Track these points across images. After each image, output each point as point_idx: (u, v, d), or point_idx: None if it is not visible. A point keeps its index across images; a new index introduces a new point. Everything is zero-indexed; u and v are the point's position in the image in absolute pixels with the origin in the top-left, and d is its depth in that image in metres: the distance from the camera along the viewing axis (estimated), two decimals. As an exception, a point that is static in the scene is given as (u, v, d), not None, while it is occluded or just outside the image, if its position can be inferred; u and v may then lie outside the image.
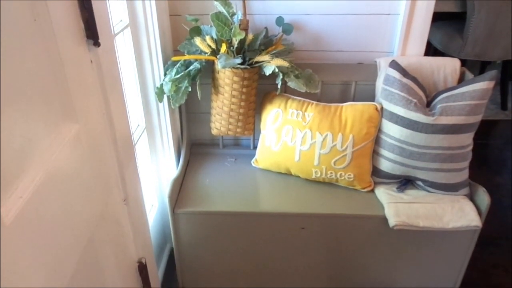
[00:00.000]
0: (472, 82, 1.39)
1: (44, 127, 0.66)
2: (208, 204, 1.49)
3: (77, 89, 0.75)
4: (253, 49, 1.46)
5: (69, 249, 0.72)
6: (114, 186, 0.94)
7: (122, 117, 0.96)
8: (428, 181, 1.49)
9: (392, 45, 1.62)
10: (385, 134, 1.49)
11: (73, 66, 0.74)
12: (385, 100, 1.47)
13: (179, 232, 1.51)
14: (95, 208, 0.84)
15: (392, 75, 1.45)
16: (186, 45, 1.49)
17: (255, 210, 1.47)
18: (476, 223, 1.39)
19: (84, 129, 0.78)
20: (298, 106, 1.55)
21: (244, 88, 1.46)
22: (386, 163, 1.51)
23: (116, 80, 0.92)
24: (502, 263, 1.79)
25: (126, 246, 1.03)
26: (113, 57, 0.91)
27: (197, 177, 1.62)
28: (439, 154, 1.42)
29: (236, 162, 1.72)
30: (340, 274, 1.60)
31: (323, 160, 1.51)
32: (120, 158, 0.95)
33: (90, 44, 0.80)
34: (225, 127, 1.56)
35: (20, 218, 0.56)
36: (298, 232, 1.49)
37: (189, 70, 1.44)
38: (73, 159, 0.73)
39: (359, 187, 1.55)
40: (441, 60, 1.57)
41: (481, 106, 1.38)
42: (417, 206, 1.44)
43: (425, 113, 1.39)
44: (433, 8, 1.52)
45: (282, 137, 1.55)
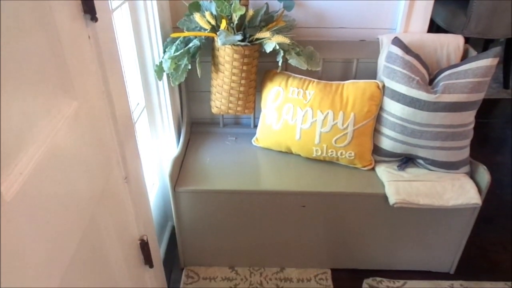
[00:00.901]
0: (476, 59, 1.37)
1: (43, 104, 0.65)
2: (208, 182, 1.49)
3: (75, 66, 0.74)
4: (253, 25, 1.43)
5: (71, 226, 0.72)
6: (114, 164, 0.94)
7: (121, 94, 0.94)
8: (429, 159, 1.49)
9: (395, 22, 1.59)
10: (387, 112, 1.48)
11: (71, 41, 0.72)
12: (387, 77, 1.46)
13: (180, 210, 1.52)
14: (96, 186, 0.84)
15: (394, 52, 1.43)
16: (185, 21, 1.46)
17: (256, 188, 1.47)
18: (476, 201, 1.39)
19: (83, 106, 0.77)
20: (299, 84, 1.53)
21: (244, 65, 1.44)
22: (387, 141, 1.50)
23: (115, 57, 0.91)
24: (500, 241, 1.80)
25: (128, 223, 1.04)
26: (111, 33, 0.89)
27: (197, 156, 1.62)
28: (440, 132, 1.41)
29: (236, 141, 1.72)
30: (340, 252, 1.62)
31: (324, 139, 1.50)
32: (120, 136, 0.94)
33: (88, 19, 0.78)
34: (225, 106, 1.55)
35: (21, 195, 0.55)
36: (299, 210, 1.50)
37: (189, 47, 1.42)
38: (72, 136, 0.72)
39: (360, 165, 1.55)
40: (444, 37, 1.54)
41: (484, 83, 1.36)
42: (417, 184, 1.44)
43: (427, 91, 1.38)
44: (437, -17, 1.49)
45: (282, 115, 1.54)
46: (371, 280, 1.62)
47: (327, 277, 1.64)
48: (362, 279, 1.63)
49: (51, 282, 0.65)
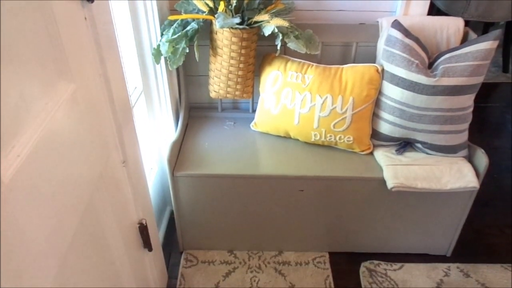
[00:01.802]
0: (476, 42, 1.36)
1: (39, 87, 0.64)
2: (207, 167, 1.49)
3: (72, 48, 0.73)
4: (252, 8, 1.41)
5: (69, 209, 0.72)
6: (112, 148, 0.93)
7: (119, 77, 0.94)
8: (427, 143, 1.49)
9: (395, 5, 1.58)
10: (386, 96, 1.47)
11: (67, 23, 0.71)
12: (386, 61, 1.45)
13: (178, 194, 1.52)
14: (94, 169, 0.83)
15: (394, 36, 1.42)
16: (183, 3, 1.44)
17: (254, 173, 1.48)
18: (473, 184, 1.40)
19: (81, 89, 0.76)
20: (297, 68, 1.52)
21: (242, 49, 1.43)
22: (386, 125, 1.50)
23: (112, 39, 0.90)
24: (497, 224, 1.82)
25: (127, 207, 1.04)
26: (108, 15, 0.88)
27: (196, 140, 1.62)
28: (439, 116, 1.41)
29: (235, 125, 1.71)
30: (338, 235, 1.63)
31: (322, 123, 1.50)
32: (118, 119, 0.93)
33: (84, 0, 0.77)
34: (224, 90, 1.54)
35: (19, 176, 0.55)
36: (297, 194, 1.50)
37: (187, 30, 1.41)
38: (70, 119, 0.72)
39: (358, 150, 1.55)
40: (444, 19, 1.53)
41: (483, 66, 1.36)
42: (415, 168, 1.44)
43: (427, 75, 1.37)
44: (438, -35, 1.47)
45: (281, 100, 1.54)
46: (368, 263, 1.64)
47: (325, 260, 1.65)
48: (360, 262, 1.64)
49: (50, 264, 0.65)
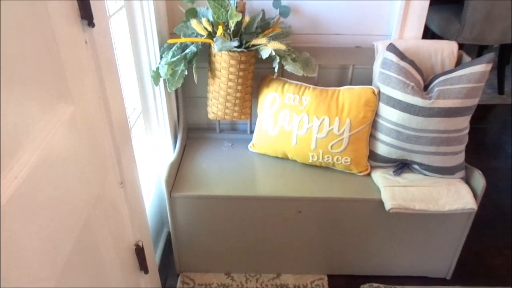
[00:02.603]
0: (470, 64, 1.38)
1: (39, 108, 0.65)
2: (205, 188, 1.49)
3: (72, 70, 0.74)
4: (250, 32, 1.44)
5: (66, 230, 0.72)
6: (110, 169, 0.94)
7: (117, 99, 0.95)
8: (424, 165, 1.49)
9: (390, 29, 1.61)
10: (382, 118, 1.49)
11: (68, 46, 0.73)
12: (382, 83, 1.47)
13: (176, 216, 1.51)
14: (92, 191, 0.83)
15: (389, 59, 1.44)
16: (182, 27, 1.47)
17: (252, 194, 1.47)
18: (471, 206, 1.40)
19: (80, 110, 0.77)
20: (295, 90, 1.54)
21: (240, 71, 1.45)
22: (383, 147, 1.51)
23: (112, 62, 0.91)
24: (497, 246, 1.81)
25: (123, 229, 1.03)
26: (108, 38, 0.89)
27: (194, 161, 1.62)
28: (435, 137, 1.42)
29: (233, 146, 1.72)
30: (336, 257, 1.62)
31: (320, 144, 1.51)
32: (116, 141, 0.94)
33: (85, 25, 0.78)
34: (222, 111, 1.55)
35: (16, 198, 0.55)
36: (295, 216, 1.50)
37: (186, 53, 1.43)
38: (68, 140, 0.72)
39: (356, 171, 1.55)
40: (438, 43, 1.56)
41: (478, 89, 1.38)
42: (413, 190, 1.45)
43: (422, 97, 1.39)
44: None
45: (279, 121, 1.55)
46: (367, 286, 1.62)
47: (323, 283, 1.63)
48: (359, 285, 1.62)
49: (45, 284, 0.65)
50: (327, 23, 1.61)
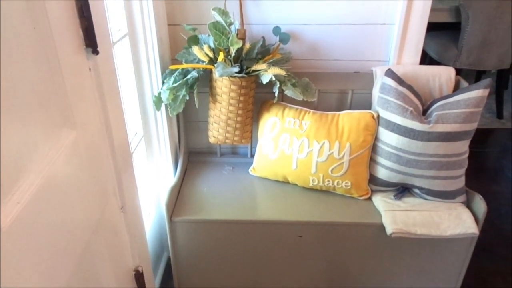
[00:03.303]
0: (467, 90, 1.40)
1: (42, 134, 0.66)
2: (205, 212, 1.49)
3: (76, 97, 0.76)
4: (250, 58, 1.47)
5: (65, 256, 0.72)
6: (111, 193, 0.94)
7: (120, 125, 0.96)
8: (425, 189, 1.49)
9: (388, 54, 1.64)
10: (382, 142, 1.50)
11: (72, 73, 0.75)
12: (381, 108, 1.48)
13: (176, 240, 1.50)
14: (92, 215, 0.84)
15: (388, 84, 1.46)
16: (184, 54, 1.50)
17: (253, 218, 1.47)
18: (473, 231, 1.39)
19: (82, 136, 0.78)
20: (295, 115, 1.56)
21: (241, 96, 1.47)
22: (383, 170, 1.51)
23: (114, 88, 0.93)
24: (500, 271, 1.79)
25: (123, 254, 1.03)
26: (111, 65, 0.91)
27: (194, 185, 1.62)
28: (435, 161, 1.43)
29: (233, 170, 1.72)
30: (338, 282, 1.60)
31: (320, 168, 1.51)
32: (118, 166, 0.95)
33: (89, 52, 0.81)
34: (223, 136, 1.57)
35: (17, 224, 0.56)
36: (296, 240, 1.49)
37: (187, 78, 1.45)
38: (70, 165, 0.73)
39: (356, 195, 1.55)
40: (436, 68, 1.58)
41: (476, 114, 1.39)
42: (414, 214, 1.44)
43: (421, 121, 1.40)
44: (427, 18, 1.54)
45: (279, 145, 1.56)
46: (370, 313, 1.59)
47: (325, 309, 1.61)
48: (361, 311, 1.59)
49: (44, 313, 0.64)
50: (326, 49, 1.64)
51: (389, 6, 1.54)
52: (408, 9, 1.52)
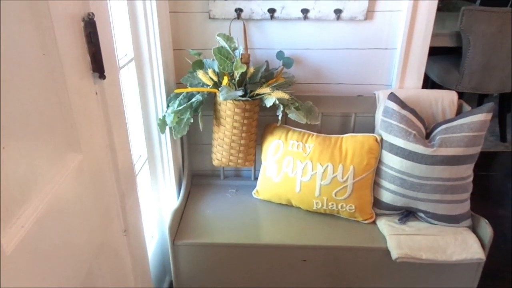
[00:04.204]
0: (470, 114, 1.41)
1: (48, 158, 0.67)
2: (208, 235, 1.48)
3: (82, 121, 0.77)
4: (254, 81, 1.49)
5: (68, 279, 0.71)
6: (114, 217, 0.94)
7: (124, 148, 0.97)
8: (429, 213, 1.48)
9: (390, 78, 1.66)
10: (386, 165, 1.49)
11: (79, 98, 0.76)
12: (384, 131, 1.49)
13: (178, 264, 1.49)
14: (95, 239, 0.83)
15: (391, 107, 1.47)
16: (188, 78, 1.52)
17: (256, 242, 1.46)
18: (479, 256, 1.37)
19: (87, 159, 0.79)
20: (298, 138, 1.56)
21: (245, 119, 1.48)
22: (387, 194, 1.51)
23: (120, 112, 0.94)
24: (508, 298, 1.75)
25: (125, 277, 1.02)
26: (117, 90, 0.93)
27: (198, 208, 1.62)
28: (439, 185, 1.42)
29: (237, 193, 1.72)
30: (342, 308, 1.57)
31: (324, 191, 1.50)
32: (122, 189, 0.95)
33: (96, 77, 0.82)
34: (226, 158, 1.57)
35: (21, 248, 0.56)
36: (300, 264, 1.47)
37: (191, 102, 1.47)
38: (75, 189, 0.74)
39: (361, 218, 1.54)
40: (438, 92, 1.60)
41: (479, 137, 1.39)
42: (419, 238, 1.43)
43: (425, 145, 1.40)
44: (429, 43, 1.56)
45: (283, 168, 1.56)
46: None
47: (330, 336, 1.57)
48: (367, 338, 1.56)
49: None
50: (329, 73, 1.66)
51: (391, 31, 1.57)
52: (410, 34, 1.54)
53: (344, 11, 1.51)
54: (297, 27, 1.57)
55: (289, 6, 1.51)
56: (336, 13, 1.52)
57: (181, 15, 1.55)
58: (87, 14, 0.76)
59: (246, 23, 1.55)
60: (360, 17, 1.52)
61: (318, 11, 1.52)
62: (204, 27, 1.57)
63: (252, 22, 1.56)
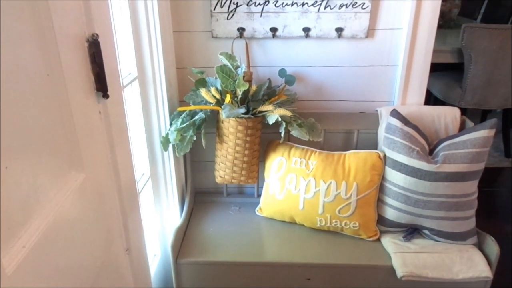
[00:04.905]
0: (473, 130, 1.41)
1: (51, 176, 0.67)
2: (211, 254, 1.47)
3: (85, 139, 0.77)
4: (256, 99, 1.50)
5: (69, 301, 0.71)
6: (117, 235, 0.94)
7: (127, 166, 0.97)
8: (434, 230, 1.46)
9: (392, 95, 1.66)
10: (389, 182, 1.49)
11: (82, 117, 0.76)
12: (387, 148, 1.49)
13: (181, 282, 1.47)
14: (97, 258, 0.83)
15: (393, 124, 1.48)
16: (191, 96, 1.53)
17: (260, 260, 1.44)
18: (486, 274, 1.35)
19: (90, 178, 0.79)
20: (301, 154, 1.56)
21: (248, 137, 1.49)
22: (391, 211, 1.49)
23: (123, 130, 0.95)
24: (517, 317, 1.71)
25: (127, 298, 1.01)
26: (121, 108, 0.94)
27: (201, 226, 1.61)
28: (443, 202, 1.41)
29: (240, 210, 1.71)
30: (348, 328, 1.54)
31: (327, 209, 1.50)
32: (124, 207, 0.95)
33: (100, 96, 0.83)
34: (229, 175, 1.57)
35: (22, 268, 0.55)
36: (304, 283, 1.45)
37: (194, 119, 1.48)
38: (77, 208, 0.74)
39: (365, 236, 1.52)
40: (441, 109, 1.60)
41: (483, 153, 1.39)
42: (424, 256, 1.41)
43: (428, 161, 1.40)
44: (430, 60, 1.57)
45: (286, 185, 1.55)
46: None
47: None
48: None
49: None
50: (331, 90, 1.67)
51: (392, 48, 1.58)
52: (411, 52, 1.55)
53: (345, 30, 1.53)
54: (299, 45, 1.59)
55: (291, 25, 1.53)
56: (337, 31, 1.53)
57: (184, 34, 1.58)
58: (91, 35, 0.78)
59: (248, 41, 1.57)
60: (361, 35, 1.54)
61: (319, 30, 1.54)
62: (207, 46, 1.59)
63: (254, 40, 1.58)
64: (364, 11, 1.50)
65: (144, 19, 1.32)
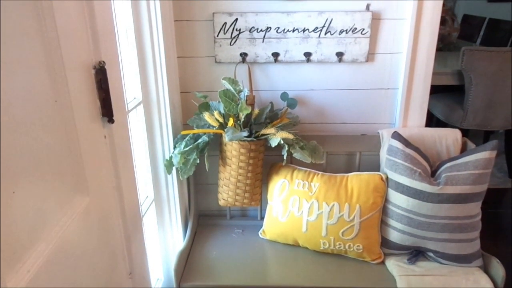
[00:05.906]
0: (474, 152, 1.41)
1: (56, 201, 0.68)
2: (215, 277, 1.46)
3: (90, 163, 0.79)
4: (259, 122, 1.52)
5: (72, 325, 0.71)
6: (120, 259, 0.94)
7: (131, 190, 0.98)
8: (439, 252, 1.45)
9: (394, 117, 1.68)
10: (392, 204, 1.49)
11: (88, 141, 0.78)
12: (389, 170, 1.49)
13: (184, 307, 1.46)
14: (100, 282, 0.83)
15: (395, 146, 1.49)
16: (195, 119, 1.55)
17: (263, 284, 1.43)
18: (493, 297, 1.33)
19: (94, 202, 0.80)
20: (304, 177, 1.57)
21: (250, 159, 1.50)
22: (395, 233, 1.49)
23: (128, 154, 0.97)
24: None
25: (130, 322, 1.00)
26: (125, 132, 0.96)
27: (204, 249, 1.60)
28: (447, 224, 1.40)
29: (243, 233, 1.71)
30: None
31: (331, 231, 1.49)
32: (128, 231, 0.96)
33: (105, 121, 0.85)
34: (232, 198, 1.57)
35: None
36: (308, 307, 1.43)
37: (198, 142, 1.49)
38: (81, 232, 0.74)
39: (369, 258, 1.51)
40: (442, 130, 1.61)
41: (485, 175, 1.39)
42: (430, 279, 1.39)
43: (430, 183, 1.40)
44: (430, 82, 1.60)
45: (289, 207, 1.56)
46: None
47: None
48: None
49: None
50: (332, 113, 1.69)
51: (392, 72, 1.61)
52: (411, 75, 1.58)
53: (345, 54, 1.56)
54: (301, 69, 1.62)
55: (292, 50, 1.57)
56: (338, 56, 1.56)
57: (188, 59, 1.61)
58: (98, 62, 0.80)
59: (250, 66, 1.61)
60: (361, 59, 1.57)
61: (320, 54, 1.57)
62: (210, 71, 1.62)
63: (256, 65, 1.61)
64: (363, 36, 1.54)
65: (149, 45, 1.35)
